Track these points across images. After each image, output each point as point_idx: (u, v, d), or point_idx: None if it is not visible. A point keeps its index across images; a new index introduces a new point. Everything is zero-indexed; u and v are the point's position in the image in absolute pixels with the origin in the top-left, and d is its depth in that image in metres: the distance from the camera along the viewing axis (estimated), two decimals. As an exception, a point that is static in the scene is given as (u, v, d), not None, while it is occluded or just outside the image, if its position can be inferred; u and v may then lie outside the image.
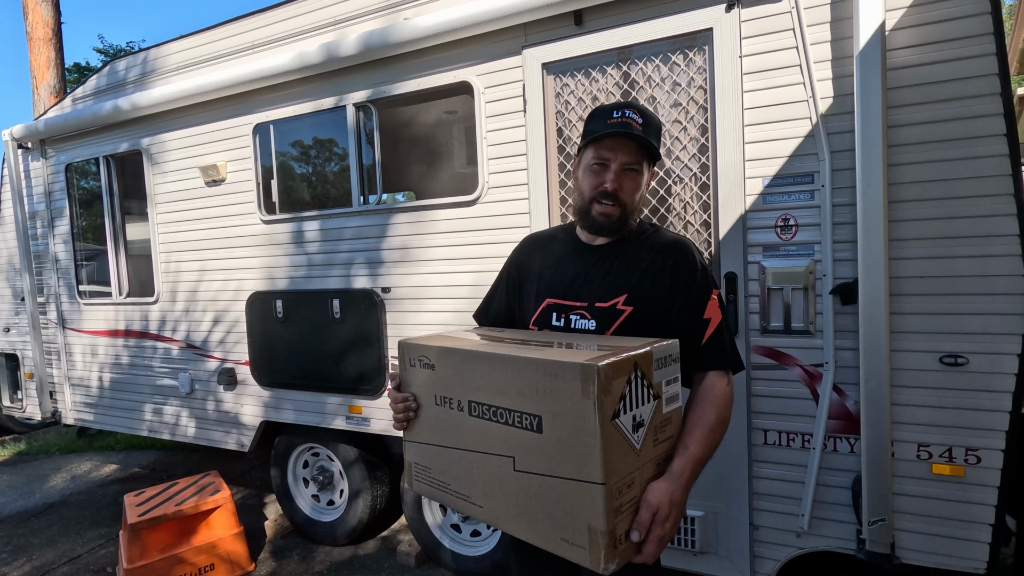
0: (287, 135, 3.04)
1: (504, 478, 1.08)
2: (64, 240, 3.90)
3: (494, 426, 1.08)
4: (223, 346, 3.29)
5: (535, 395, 1.01)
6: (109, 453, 5.14)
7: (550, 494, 1.01)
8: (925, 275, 1.83)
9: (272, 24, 2.98)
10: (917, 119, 1.81)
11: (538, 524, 1.03)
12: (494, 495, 1.10)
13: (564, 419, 0.98)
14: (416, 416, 1.25)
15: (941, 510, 1.86)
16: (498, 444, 1.08)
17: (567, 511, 0.98)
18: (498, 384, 1.07)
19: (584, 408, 0.94)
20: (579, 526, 0.97)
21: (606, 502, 0.94)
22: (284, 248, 3.05)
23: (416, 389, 1.25)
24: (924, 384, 1.85)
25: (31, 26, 6.86)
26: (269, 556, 3.18)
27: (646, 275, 1.25)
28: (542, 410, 1.01)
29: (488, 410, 1.09)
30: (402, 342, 1.26)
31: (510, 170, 2.46)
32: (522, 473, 1.05)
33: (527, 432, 1.03)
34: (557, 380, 0.98)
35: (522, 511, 1.06)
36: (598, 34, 2.24)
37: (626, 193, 1.24)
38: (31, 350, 4.09)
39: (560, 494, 0.99)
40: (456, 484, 1.18)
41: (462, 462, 1.16)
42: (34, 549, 3.40)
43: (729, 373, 1.22)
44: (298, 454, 3.29)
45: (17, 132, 3.90)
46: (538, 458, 1.02)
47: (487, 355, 1.10)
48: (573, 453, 0.97)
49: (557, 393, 0.98)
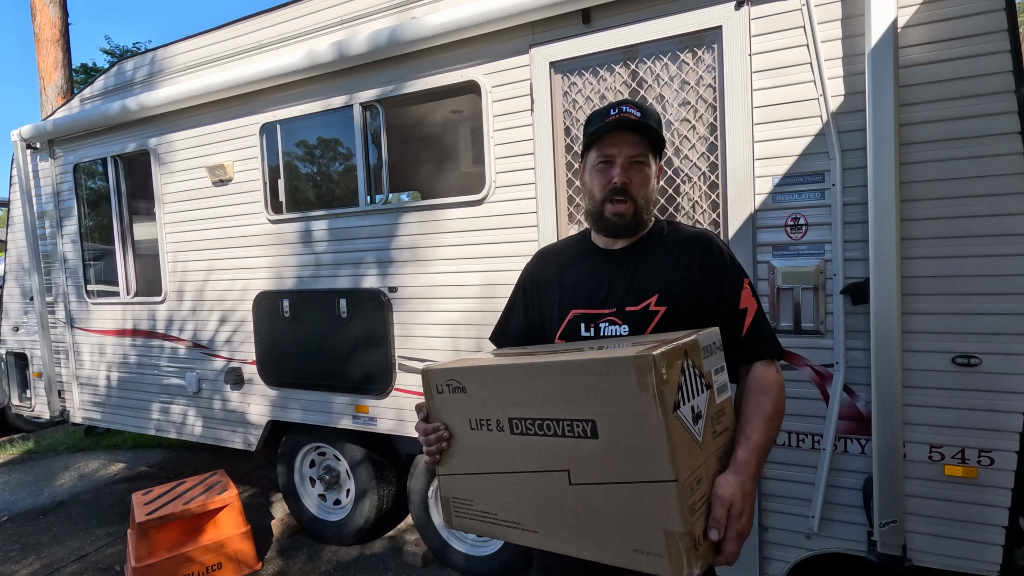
0: (294, 135, 3.04)
1: (559, 496, 0.99)
2: (72, 240, 3.92)
3: (541, 440, 1.00)
4: (230, 345, 3.30)
5: (585, 398, 0.94)
6: (116, 452, 5.17)
7: (615, 504, 0.93)
8: (937, 275, 1.81)
9: (279, 24, 2.98)
10: (929, 117, 1.79)
11: (606, 540, 0.95)
12: (549, 517, 1.01)
13: (622, 418, 0.91)
14: (449, 446, 1.14)
15: (953, 512, 1.84)
16: (548, 459, 1.00)
17: (637, 519, 0.91)
18: (541, 394, 0.99)
19: (644, 402, 0.88)
20: (653, 532, 0.89)
21: (680, 501, 0.87)
22: (291, 248, 3.06)
23: (447, 417, 1.14)
24: (936, 385, 1.83)
25: (39, 27, 6.90)
26: (276, 555, 3.19)
27: (675, 272, 1.20)
28: (595, 413, 0.93)
29: (532, 424, 1.01)
30: (426, 369, 1.16)
31: (517, 169, 2.45)
32: (580, 486, 0.96)
33: (580, 440, 0.95)
34: (609, 378, 0.91)
35: (585, 529, 0.97)
36: (606, 32, 2.23)
37: (636, 187, 1.21)
38: (40, 349, 4.11)
39: (627, 501, 0.92)
40: (504, 513, 1.08)
41: (509, 487, 1.06)
42: (43, 547, 3.42)
43: (776, 361, 1.18)
44: (305, 453, 3.29)
45: (26, 132, 3.92)
46: (597, 466, 0.94)
47: (524, 366, 1.03)
48: (636, 453, 0.90)
49: (610, 392, 0.91)
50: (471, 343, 2.60)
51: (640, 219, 1.23)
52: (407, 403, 2.79)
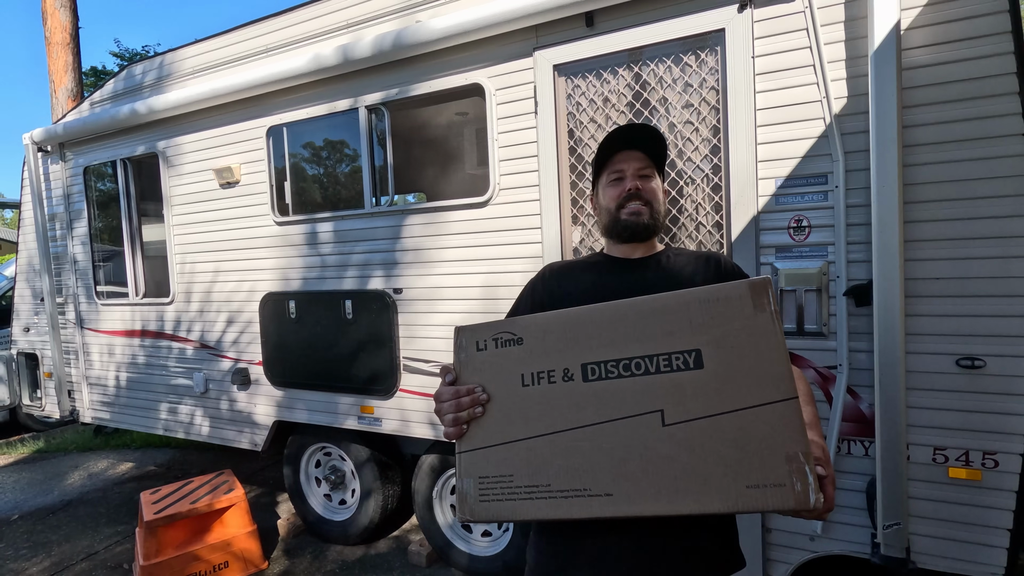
0: (300, 137, 3.07)
1: (647, 443, 0.89)
2: (82, 241, 3.97)
3: (627, 382, 0.91)
4: (237, 346, 3.33)
5: (689, 329, 0.89)
6: (125, 451, 5.22)
7: (723, 437, 0.85)
8: (941, 276, 1.81)
9: (286, 28, 3.01)
10: (933, 119, 1.79)
11: (709, 484, 0.85)
12: (631, 471, 0.89)
13: (735, 342, 0.87)
14: (483, 414, 0.98)
15: (957, 514, 1.83)
16: (635, 403, 0.90)
17: (752, 448, 0.83)
18: (631, 333, 0.92)
19: (762, 321, 0.87)
20: (774, 459, 0.82)
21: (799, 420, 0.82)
22: (297, 249, 3.08)
23: (489, 376, 0.99)
24: (940, 387, 1.83)
25: (50, 31, 6.99)
26: (282, 554, 3.21)
27: (695, 277, 1.23)
28: (700, 342, 0.88)
29: (617, 365, 0.92)
30: (461, 327, 1.03)
31: (521, 171, 2.46)
32: (676, 425, 0.88)
33: (680, 373, 0.89)
34: (719, 304, 0.89)
35: (681, 476, 0.86)
36: (609, 35, 2.24)
37: (649, 192, 1.26)
38: (50, 350, 4.16)
39: (739, 431, 0.85)
40: (563, 479, 0.92)
41: (574, 445, 0.92)
42: (53, 545, 3.46)
43: None
44: (310, 453, 3.32)
45: (37, 136, 3.97)
46: (701, 399, 0.87)
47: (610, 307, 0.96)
48: (751, 376, 0.85)
49: (721, 316, 0.88)
50: (475, 344, 2.62)
51: (656, 221, 1.27)
52: (412, 404, 2.81)
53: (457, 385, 1.01)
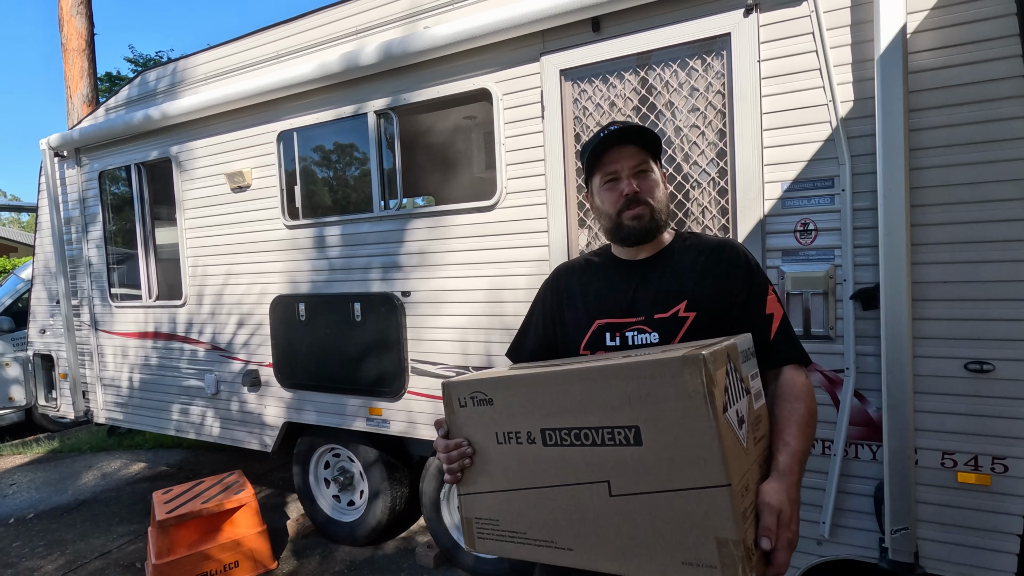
0: (310, 142, 3.11)
1: (598, 509, 0.94)
2: (97, 245, 4.04)
3: (578, 451, 0.95)
4: (247, 348, 3.37)
5: (628, 404, 0.90)
6: (137, 452, 5.28)
7: (661, 514, 0.88)
8: (949, 280, 1.80)
9: (296, 35, 3.06)
10: (940, 122, 1.78)
11: (651, 554, 0.89)
12: (587, 533, 0.96)
13: (669, 422, 0.87)
14: (473, 463, 1.08)
15: (966, 519, 1.82)
16: (586, 471, 0.95)
17: (687, 529, 0.86)
18: (579, 402, 0.95)
19: (694, 404, 0.85)
20: (705, 542, 0.84)
21: (734, 507, 0.83)
22: (307, 252, 3.12)
23: (471, 431, 1.08)
24: (948, 391, 1.82)
25: (66, 38, 7.11)
26: (291, 555, 3.24)
27: (703, 278, 1.19)
28: (639, 419, 0.89)
29: (569, 434, 0.96)
30: (446, 383, 1.10)
31: (528, 175, 2.48)
32: (621, 497, 0.92)
33: (622, 448, 0.91)
34: (654, 380, 0.88)
35: (628, 543, 0.91)
36: (615, 40, 2.25)
37: (647, 191, 1.21)
38: (65, 351, 4.24)
39: (675, 510, 0.87)
40: (535, 531, 1.01)
41: (541, 503, 1.00)
42: (67, 543, 3.52)
43: (803, 367, 1.18)
44: (319, 455, 3.35)
45: (54, 141, 4.05)
46: (640, 475, 0.90)
47: (560, 373, 0.98)
48: (685, 458, 0.86)
49: (656, 395, 0.88)
50: (482, 347, 2.64)
51: (658, 221, 1.22)
52: (419, 406, 2.83)
53: (447, 439, 1.11)
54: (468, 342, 2.68)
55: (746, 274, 1.20)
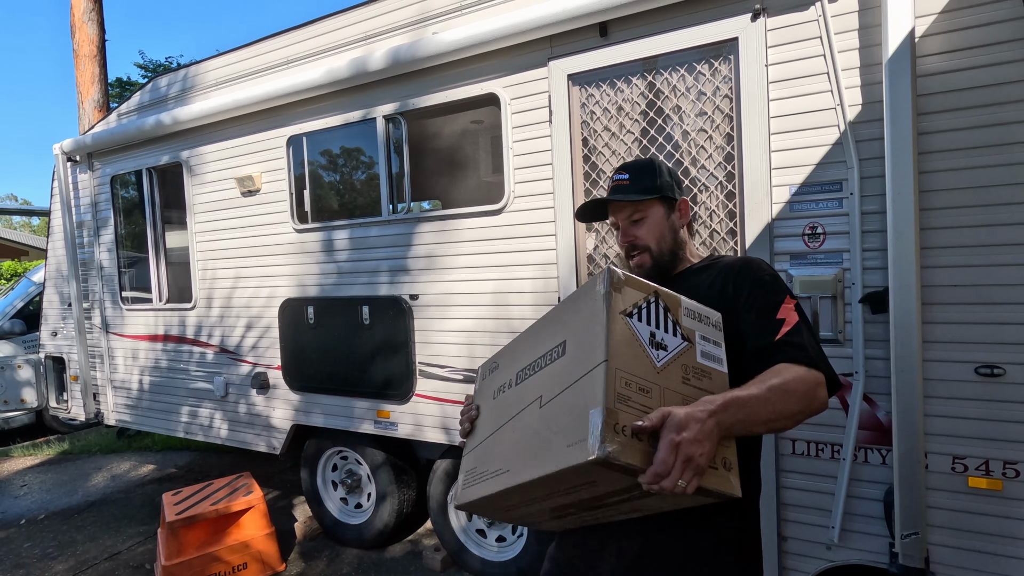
0: (319, 147, 3.14)
1: (532, 423, 1.02)
2: (108, 248, 4.08)
3: (533, 378, 1.08)
4: (256, 351, 3.40)
5: (563, 325, 1.06)
6: (147, 454, 5.32)
7: (565, 407, 0.94)
8: (959, 284, 1.80)
9: (306, 40, 3.09)
10: (949, 126, 1.78)
11: (550, 446, 0.93)
12: (521, 448, 1.01)
13: (580, 325, 1.00)
14: (474, 426, 1.24)
15: (978, 525, 1.81)
16: (531, 393, 1.06)
17: (574, 412, 0.91)
18: (539, 342, 1.11)
19: (595, 303, 0.98)
20: (582, 420, 0.88)
21: (607, 382, 0.88)
22: (315, 256, 3.14)
23: (482, 397, 1.27)
24: (959, 395, 1.81)
25: (77, 44, 7.20)
26: (298, 557, 3.26)
27: (709, 293, 1.18)
28: (566, 333, 1.03)
29: (530, 367, 1.11)
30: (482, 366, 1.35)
31: (536, 179, 2.49)
32: (546, 405, 1.00)
33: (555, 362, 1.03)
34: (579, 299, 1.04)
35: (541, 445, 0.96)
36: (623, 45, 2.26)
37: (643, 238, 1.28)
38: (76, 353, 4.28)
39: (573, 401, 0.93)
40: (496, 463, 1.08)
41: (503, 435, 1.10)
42: (77, 544, 3.55)
43: (813, 370, 1.03)
44: (327, 457, 3.36)
45: (67, 146, 4.10)
46: (559, 379, 0.99)
47: (531, 326, 1.20)
48: (586, 351, 0.95)
49: (579, 309, 1.03)
50: (489, 350, 2.64)
51: (661, 260, 1.29)
52: (427, 409, 2.84)
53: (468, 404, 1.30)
54: (475, 345, 2.69)
55: (755, 282, 1.16)
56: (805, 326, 1.10)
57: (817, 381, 1.02)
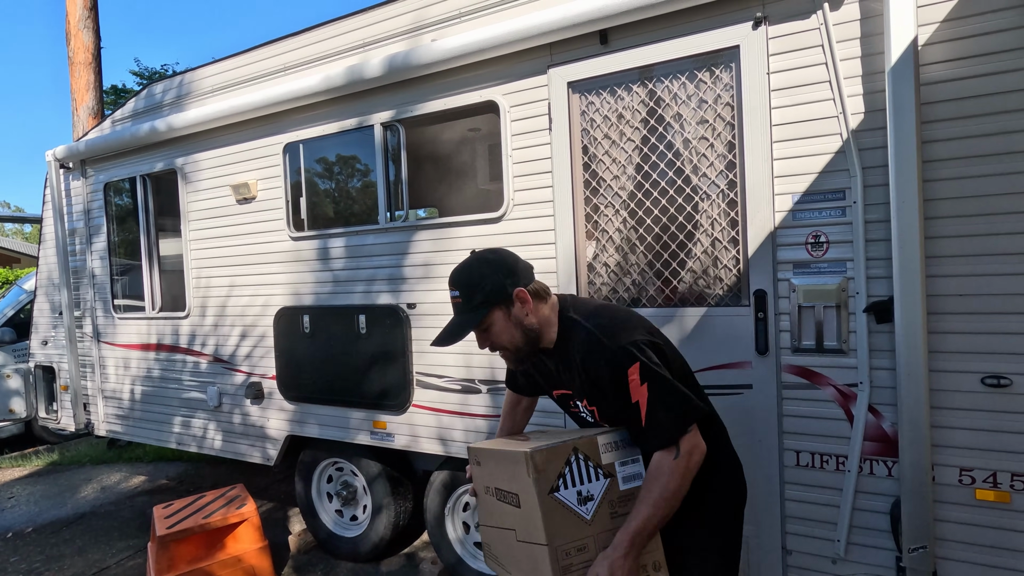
0: (316, 154, 3.11)
1: (513, 546, 1.36)
2: (101, 256, 4.03)
3: (503, 506, 1.39)
4: (251, 360, 3.35)
5: (512, 478, 1.32)
6: (138, 465, 5.24)
7: (531, 557, 1.28)
8: (965, 293, 1.78)
9: (302, 47, 3.07)
10: (953, 134, 1.77)
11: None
12: (513, 563, 1.38)
13: (524, 495, 1.28)
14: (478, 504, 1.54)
15: (986, 538, 1.78)
16: (508, 520, 1.37)
17: (536, 570, 1.27)
18: (499, 473, 1.39)
19: (528, 486, 1.25)
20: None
21: (552, 560, 1.22)
22: (312, 264, 3.11)
23: (475, 482, 1.55)
24: (966, 406, 1.79)
25: (73, 51, 7.17)
26: (292, 571, 3.19)
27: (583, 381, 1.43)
28: (516, 490, 1.31)
29: (498, 493, 1.40)
30: (469, 447, 1.57)
31: (535, 187, 2.47)
32: (520, 542, 1.33)
33: (515, 509, 1.33)
34: (515, 466, 1.30)
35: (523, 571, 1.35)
36: (623, 53, 2.25)
37: (496, 342, 1.46)
38: (67, 363, 4.21)
39: (534, 557, 1.26)
40: (501, 557, 1.46)
41: (498, 538, 1.44)
42: (65, 558, 3.47)
43: (674, 447, 1.28)
44: (322, 468, 3.31)
45: (60, 153, 4.06)
46: (523, 528, 1.31)
47: (493, 452, 1.45)
48: (531, 521, 1.26)
49: (517, 475, 1.30)
50: (486, 359, 2.61)
51: (523, 351, 1.46)
52: (424, 419, 2.79)
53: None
54: (473, 355, 2.65)
55: (603, 368, 1.35)
56: (655, 391, 1.30)
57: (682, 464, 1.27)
